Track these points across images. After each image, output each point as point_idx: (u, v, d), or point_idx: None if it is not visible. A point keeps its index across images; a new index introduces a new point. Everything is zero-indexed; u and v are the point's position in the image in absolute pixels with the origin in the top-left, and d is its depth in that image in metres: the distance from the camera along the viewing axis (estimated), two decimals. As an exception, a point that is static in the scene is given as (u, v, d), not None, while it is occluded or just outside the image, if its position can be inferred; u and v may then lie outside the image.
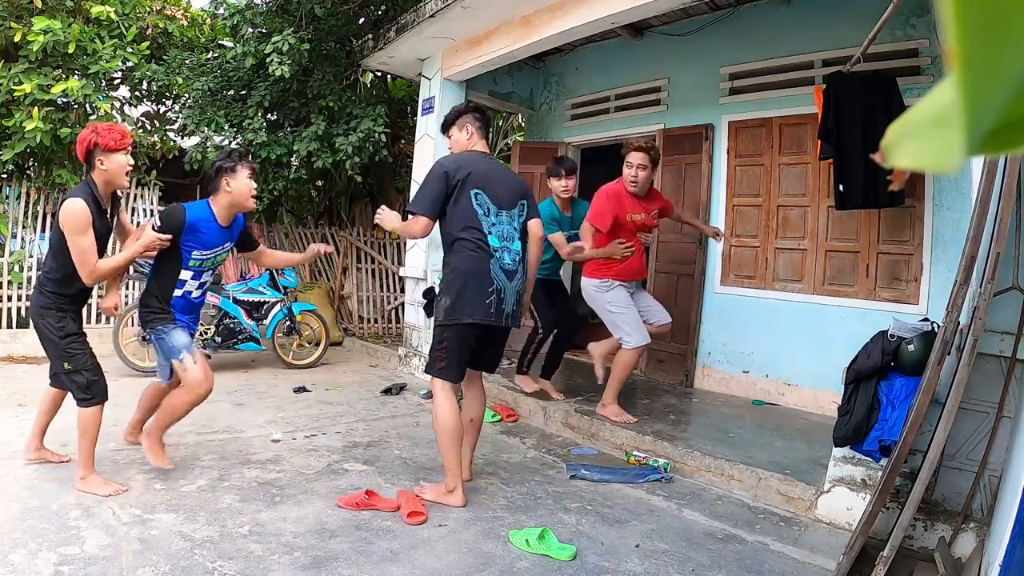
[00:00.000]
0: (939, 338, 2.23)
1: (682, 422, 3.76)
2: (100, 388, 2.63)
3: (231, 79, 6.24)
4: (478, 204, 2.59)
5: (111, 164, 2.53)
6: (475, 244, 2.57)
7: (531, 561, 2.20)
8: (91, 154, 2.51)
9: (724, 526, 2.63)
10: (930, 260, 3.79)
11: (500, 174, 2.73)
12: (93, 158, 2.52)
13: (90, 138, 2.49)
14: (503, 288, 2.58)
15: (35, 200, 5.49)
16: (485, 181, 2.61)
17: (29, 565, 1.92)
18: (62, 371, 2.59)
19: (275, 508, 2.49)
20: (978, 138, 0.27)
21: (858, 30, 3.44)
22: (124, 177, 2.62)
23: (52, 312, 2.55)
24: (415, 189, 5.69)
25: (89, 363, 2.61)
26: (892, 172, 1.88)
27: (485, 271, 2.56)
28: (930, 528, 2.41)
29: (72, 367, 2.56)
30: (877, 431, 2.53)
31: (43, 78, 4.74)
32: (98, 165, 2.52)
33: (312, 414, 3.95)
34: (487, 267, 2.56)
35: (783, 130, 4.48)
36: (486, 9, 4.49)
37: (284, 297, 5.37)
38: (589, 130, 5.97)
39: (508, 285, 2.60)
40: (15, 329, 5.27)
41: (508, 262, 2.60)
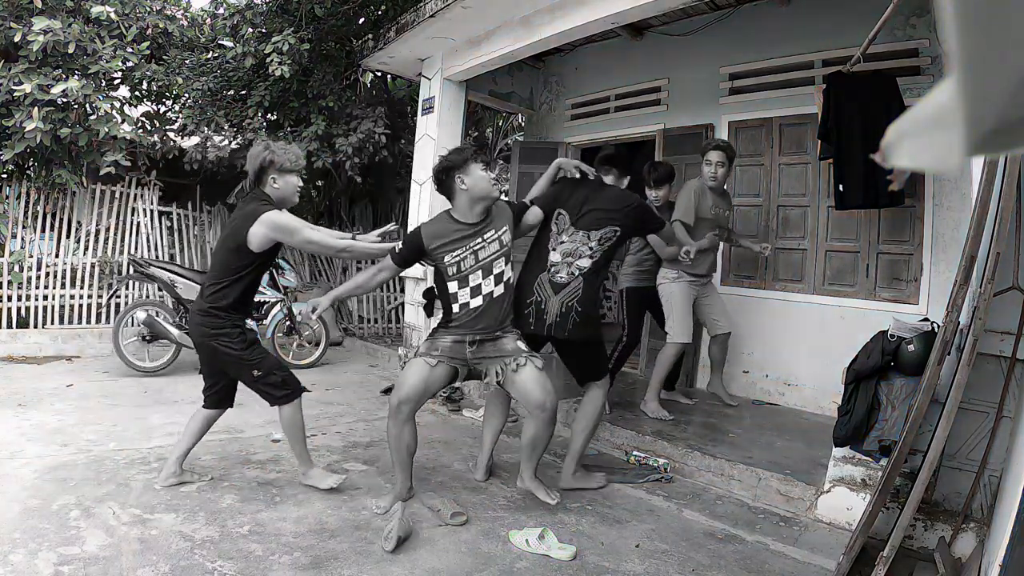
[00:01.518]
0: (939, 338, 2.23)
1: (682, 422, 3.76)
2: (295, 381, 2.70)
3: (231, 79, 6.24)
4: (556, 223, 2.78)
5: (284, 184, 2.59)
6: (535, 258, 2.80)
7: (531, 561, 2.20)
8: (264, 172, 2.56)
9: (724, 526, 2.63)
10: (930, 260, 3.79)
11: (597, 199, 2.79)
12: (266, 175, 2.57)
13: (265, 156, 2.54)
14: (543, 299, 2.71)
15: (35, 200, 5.49)
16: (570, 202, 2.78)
17: (29, 565, 1.92)
18: (252, 380, 2.61)
19: (275, 508, 2.49)
20: (978, 138, 0.27)
21: (858, 30, 3.43)
22: (296, 196, 2.68)
23: (227, 331, 2.56)
24: (415, 189, 5.71)
25: (275, 362, 2.69)
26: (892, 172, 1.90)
27: (528, 283, 2.74)
28: (930, 528, 2.41)
29: (262, 372, 2.61)
30: (877, 431, 2.53)
31: (43, 78, 4.74)
32: (271, 183, 2.57)
33: (312, 414, 3.94)
34: (532, 279, 2.74)
35: (783, 130, 4.48)
36: (486, 9, 4.49)
37: (284, 297, 5.37)
38: (589, 130, 5.96)
39: (553, 297, 2.71)
40: (15, 329, 5.27)
41: (563, 276, 2.71)
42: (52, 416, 3.50)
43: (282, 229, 2.48)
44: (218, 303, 2.53)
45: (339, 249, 2.75)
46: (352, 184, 7.48)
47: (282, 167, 2.56)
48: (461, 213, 2.56)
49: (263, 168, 2.55)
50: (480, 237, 2.55)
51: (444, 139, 5.54)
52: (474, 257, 2.54)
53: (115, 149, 5.17)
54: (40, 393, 4.00)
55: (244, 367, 2.60)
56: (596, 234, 2.73)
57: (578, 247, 2.73)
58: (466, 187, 2.49)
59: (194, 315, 2.61)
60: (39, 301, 5.43)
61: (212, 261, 2.69)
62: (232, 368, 2.64)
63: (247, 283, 2.58)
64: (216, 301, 2.53)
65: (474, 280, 2.54)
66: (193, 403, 3.96)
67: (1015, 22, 0.24)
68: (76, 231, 5.72)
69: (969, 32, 0.25)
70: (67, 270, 5.60)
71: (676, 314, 3.77)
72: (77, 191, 5.66)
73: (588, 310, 2.72)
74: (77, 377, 4.54)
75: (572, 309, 2.70)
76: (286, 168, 2.57)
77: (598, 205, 2.77)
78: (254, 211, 2.48)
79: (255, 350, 2.63)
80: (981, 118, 0.26)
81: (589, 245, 2.73)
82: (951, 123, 0.27)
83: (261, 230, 2.45)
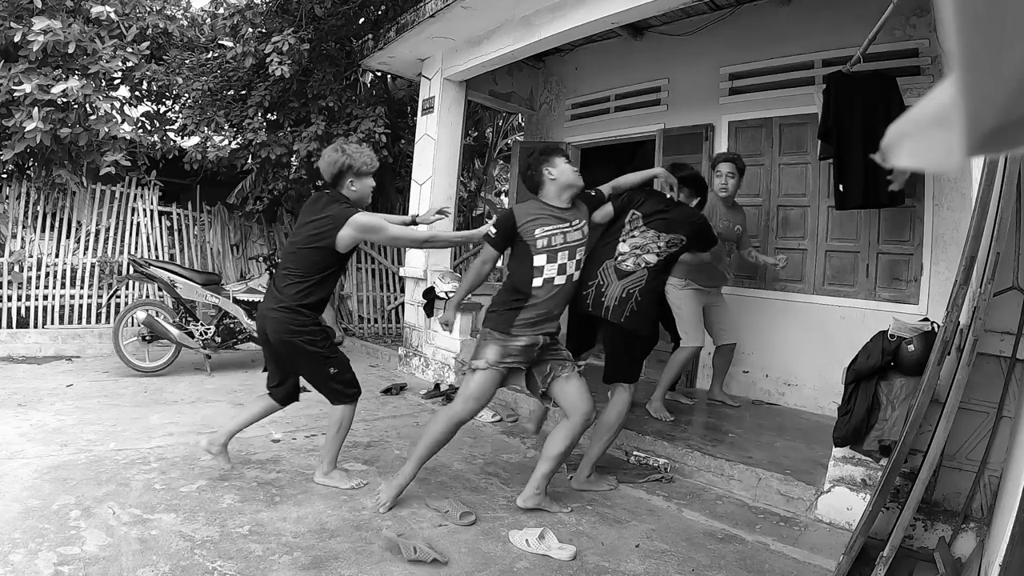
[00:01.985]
0: (939, 338, 2.23)
1: (682, 422, 3.76)
2: (358, 383, 2.79)
3: (231, 79, 6.24)
4: (629, 221, 2.94)
5: (360, 186, 2.70)
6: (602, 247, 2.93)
7: (531, 561, 2.20)
8: (342, 175, 2.66)
9: (724, 526, 2.63)
10: (930, 260, 3.79)
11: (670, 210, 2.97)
12: (344, 179, 2.67)
13: (343, 161, 2.63)
14: (605, 284, 2.84)
15: (35, 200, 5.49)
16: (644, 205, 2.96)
17: (29, 565, 1.92)
18: (326, 377, 2.67)
19: (275, 508, 2.49)
20: (978, 138, 0.27)
21: (858, 30, 3.43)
22: (370, 197, 2.79)
23: (309, 329, 2.63)
24: (415, 189, 5.71)
25: (347, 361, 2.77)
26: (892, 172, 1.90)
27: (591, 268, 2.86)
28: (930, 528, 2.41)
29: (337, 370, 2.69)
30: (877, 431, 2.53)
31: (43, 78, 4.74)
32: (348, 185, 2.68)
33: (312, 414, 3.94)
34: (596, 265, 2.88)
35: (783, 130, 4.48)
36: (486, 9, 4.49)
37: (284, 297, 5.36)
38: (589, 130, 5.96)
39: (615, 282, 2.83)
40: (15, 329, 5.27)
41: (629, 265, 2.85)
42: (52, 416, 3.50)
43: (370, 229, 2.62)
44: (304, 300, 2.60)
45: (423, 240, 2.94)
46: (352, 184, 7.47)
47: (359, 171, 2.67)
48: (550, 199, 2.68)
49: (341, 172, 2.65)
50: (568, 223, 2.66)
51: (444, 139, 5.54)
52: (563, 237, 2.64)
53: (115, 149, 5.17)
54: (40, 393, 4.00)
55: (322, 365, 2.66)
56: (665, 236, 2.89)
57: (648, 243, 2.88)
58: (554, 177, 2.65)
59: (272, 312, 2.63)
60: (39, 301, 5.43)
61: (291, 259, 2.70)
62: (308, 365, 2.69)
63: (333, 280, 2.70)
64: (302, 299, 2.60)
65: (561, 259, 2.63)
66: (193, 403, 4.00)
67: (1014, 22, 0.24)
68: (76, 231, 5.72)
69: (969, 32, 0.25)
70: (67, 270, 5.60)
71: (687, 319, 3.81)
72: (77, 191, 5.66)
73: (646, 304, 2.83)
74: (77, 377, 4.54)
75: (632, 297, 2.81)
76: (363, 172, 2.69)
77: (670, 216, 2.93)
78: (342, 214, 2.57)
79: (334, 348, 2.74)
80: (981, 118, 0.26)
81: (658, 244, 2.88)
82: (951, 123, 0.27)
83: (350, 232, 2.56)
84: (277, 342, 2.64)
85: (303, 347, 2.60)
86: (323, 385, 2.71)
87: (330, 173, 2.67)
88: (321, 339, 2.65)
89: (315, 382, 2.73)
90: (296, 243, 2.70)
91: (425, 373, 5.25)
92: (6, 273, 5.27)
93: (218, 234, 6.70)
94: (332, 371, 2.67)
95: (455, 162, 5.66)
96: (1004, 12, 0.24)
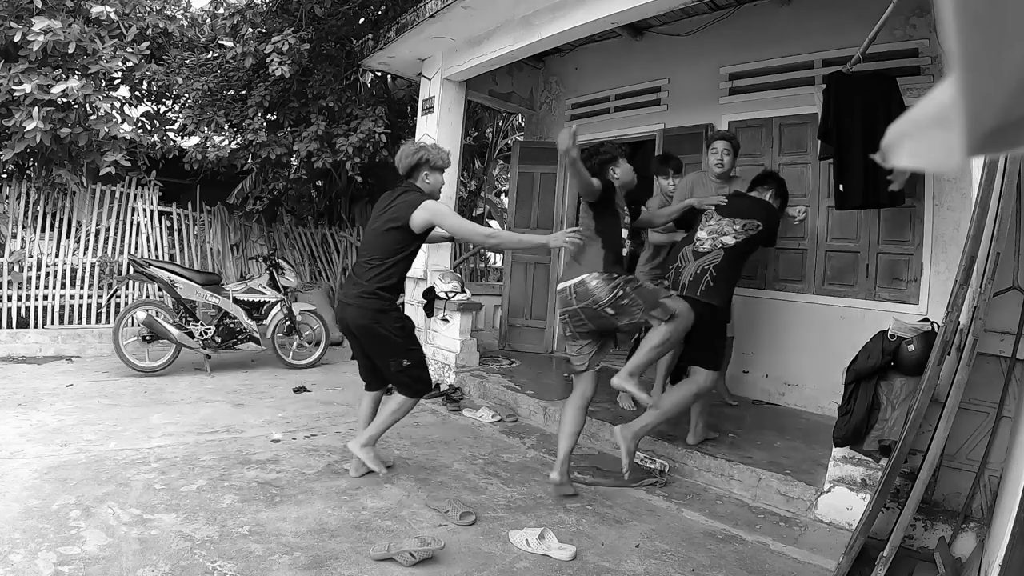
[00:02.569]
0: (939, 338, 2.23)
1: (682, 422, 3.75)
2: (430, 380, 2.94)
3: (231, 79, 6.24)
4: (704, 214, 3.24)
5: (433, 179, 2.88)
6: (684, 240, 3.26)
7: (531, 561, 2.20)
8: (418, 168, 2.85)
9: (724, 526, 2.63)
10: (930, 260, 3.79)
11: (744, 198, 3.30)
12: (419, 172, 2.85)
13: (421, 155, 2.83)
14: (683, 265, 3.11)
15: (35, 200, 5.49)
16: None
17: (29, 565, 1.92)
18: (399, 368, 2.76)
19: (275, 508, 2.49)
20: (978, 138, 0.27)
21: (858, 30, 3.43)
22: (440, 191, 2.97)
23: (392, 314, 2.76)
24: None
25: (423, 358, 2.90)
26: (892, 172, 1.90)
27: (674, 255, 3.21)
28: (930, 528, 2.41)
29: (410, 363, 2.78)
30: (877, 431, 2.53)
31: (43, 78, 4.74)
32: (423, 178, 2.86)
33: (312, 414, 3.95)
34: (678, 252, 3.19)
35: (783, 130, 4.48)
36: (486, 9, 4.49)
37: (284, 297, 5.37)
38: (589, 130, 5.95)
39: (692, 263, 3.08)
40: (15, 329, 5.27)
41: (705, 247, 3.09)
42: (52, 416, 3.50)
43: (439, 213, 2.77)
44: (384, 283, 2.73)
45: (485, 236, 3.03)
46: (352, 184, 7.48)
47: (434, 165, 2.86)
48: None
49: (418, 165, 2.84)
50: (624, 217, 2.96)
51: (444, 139, 5.54)
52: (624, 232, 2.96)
53: (115, 149, 5.17)
54: (40, 393, 4.00)
55: (398, 353, 2.76)
56: (741, 221, 3.10)
57: (724, 227, 3.12)
58: (618, 176, 2.87)
59: (352, 299, 2.75)
60: (39, 301, 5.43)
61: (369, 246, 2.84)
62: (385, 352, 2.76)
63: (407, 262, 2.84)
64: (382, 281, 2.73)
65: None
66: (193, 403, 4.00)
67: (1014, 22, 0.24)
68: (76, 231, 5.72)
69: (969, 32, 0.25)
70: (67, 270, 5.60)
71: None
72: (77, 191, 5.66)
73: (721, 280, 3.00)
74: (77, 377, 4.54)
75: (707, 272, 3.00)
76: (437, 166, 2.87)
77: (743, 202, 3.22)
78: (416, 199, 2.75)
79: (413, 339, 2.84)
80: (981, 118, 0.26)
81: (734, 227, 3.10)
82: (951, 123, 0.27)
83: (423, 214, 2.72)
84: (358, 328, 2.74)
85: (382, 333, 2.71)
86: (395, 375, 2.79)
87: (406, 165, 2.85)
88: (400, 328, 2.77)
89: (388, 371, 2.81)
90: (375, 230, 2.84)
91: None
92: (6, 273, 5.27)
93: (218, 234, 6.70)
94: (406, 363, 2.76)
95: (455, 162, 5.66)
96: (1004, 12, 0.24)
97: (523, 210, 6.13)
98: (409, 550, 2.12)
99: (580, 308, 2.74)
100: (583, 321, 2.79)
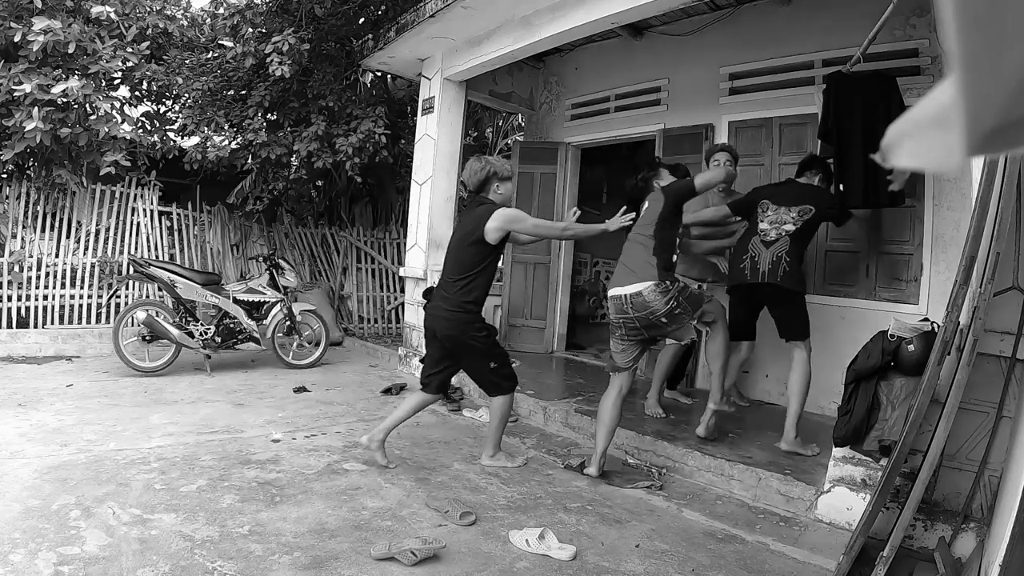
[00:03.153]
0: (939, 338, 2.23)
1: (682, 422, 3.76)
2: (515, 376, 3.16)
3: (231, 79, 6.24)
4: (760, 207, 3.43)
5: (504, 189, 3.09)
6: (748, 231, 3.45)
7: (531, 561, 2.20)
8: (488, 181, 3.04)
9: (724, 526, 2.63)
10: (930, 260, 3.79)
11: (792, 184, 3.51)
12: (490, 184, 3.05)
13: (489, 169, 3.04)
14: (757, 255, 3.29)
15: (35, 200, 5.49)
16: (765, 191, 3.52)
17: (29, 565, 1.92)
18: (488, 371, 3.02)
19: (275, 508, 2.49)
20: (978, 138, 0.27)
21: (858, 30, 3.43)
22: (513, 199, 3.28)
23: (477, 325, 2.98)
24: (415, 189, 5.72)
25: (506, 357, 3.12)
26: (892, 172, 1.90)
27: (743, 245, 3.39)
28: (930, 528, 2.41)
29: (497, 365, 3.03)
30: (877, 431, 2.53)
31: (43, 78, 4.73)
32: (494, 190, 3.05)
33: (312, 414, 3.95)
34: (746, 243, 3.38)
35: (783, 130, 4.48)
36: (486, 9, 4.49)
37: (284, 297, 5.37)
38: (589, 130, 5.96)
39: (764, 251, 3.28)
40: (15, 329, 5.27)
41: (771, 235, 3.29)
42: (52, 416, 3.50)
43: (513, 219, 2.97)
44: (468, 296, 2.94)
45: (561, 230, 3.25)
46: (352, 184, 7.48)
47: (502, 176, 3.06)
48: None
49: (487, 179, 3.03)
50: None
51: (444, 139, 5.55)
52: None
53: (115, 149, 5.17)
54: (40, 393, 4.00)
55: (485, 359, 3.01)
56: (796, 208, 3.30)
57: (782, 216, 3.32)
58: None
59: (442, 312, 2.99)
60: (39, 301, 5.43)
61: (452, 263, 3.05)
62: (472, 359, 3.03)
63: (489, 275, 2.99)
64: (467, 295, 2.94)
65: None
66: (193, 403, 4.00)
67: (1014, 22, 0.24)
68: (76, 231, 5.72)
69: (969, 32, 0.25)
70: (67, 270, 5.60)
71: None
72: (77, 191, 5.66)
73: (795, 263, 3.22)
74: (77, 377, 4.54)
75: (782, 259, 3.21)
76: (505, 176, 3.07)
77: (792, 189, 3.41)
78: (486, 210, 2.95)
79: (496, 345, 3.07)
80: (981, 118, 0.26)
81: (791, 215, 3.30)
82: (951, 123, 0.27)
83: (495, 223, 2.90)
84: (444, 338, 3.00)
85: (469, 343, 2.96)
86: (483, 378, 3.07)
87: (476, 182, 3.04)
88: (484, 335, 2.99)
89: (476, 375, 3.11)
90: (455, 247, 3.07)
91: (425, 373, 5.25)
92: (6, 273, 5.27)
93: (218, 234, 6.70)
94: (492, 365, 3.01)
95: (455, 162, 5.66)
96: (1004, 12, 0.24)
97: (523, 210, 6.10)
98: (411, 549, 2.12)
99: (636, 317, 2.93)
100: (638, 329, 2.98)
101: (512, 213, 2.99)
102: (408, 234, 5.90)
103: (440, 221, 5.58)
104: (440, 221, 5.58)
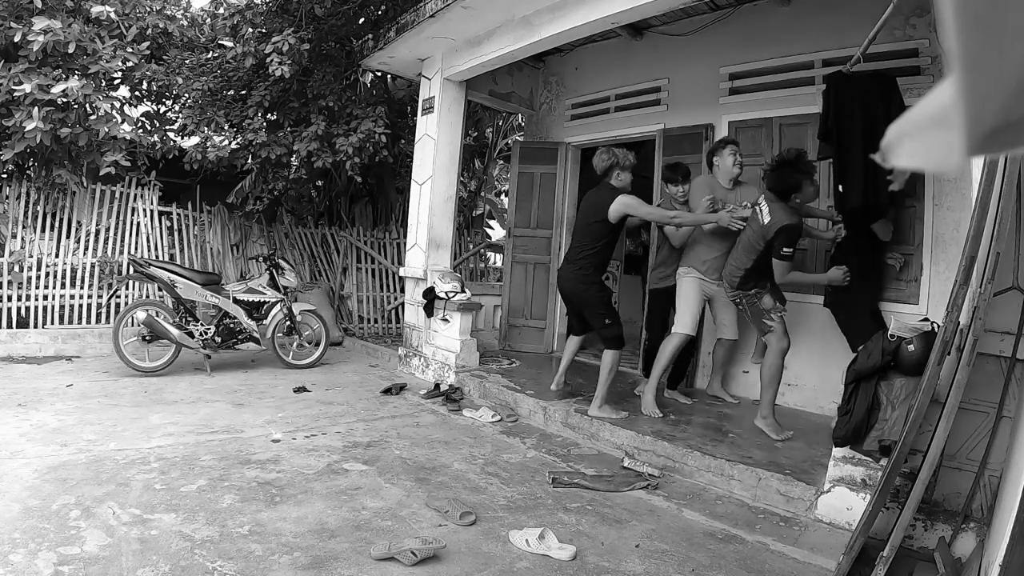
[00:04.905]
0: (939, 338, 2.23)
1: (682, 422, 3.76)
2: (623, 338, 3.76)
3: (231, 79, 6.24)
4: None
5: (624, 176, 3.73)
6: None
7: (531, 561, 2.20)
8: (611, 170, 3.71)
9: (724, 526, 2.63)
10: (930, 260, 3.79)
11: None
12: (612, 172, 3.72)
13: (611, 159, 3.70)
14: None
15: (35, 200, 5.49)
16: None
17: (29, 565, 1.92)
18: (600, 326, 3.72)
19: (275, 508, 2.49)
20: (978, 138, 0.27)
21: (858, 30, 3.43)
22: (629, 186, 3.75)
23: (597, 285, 3.77)
24: (415, 189, 5.72)
25: (618, 319, 3.76)
26: (892, 172, 1.91)
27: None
28: (930, 528, 2.41)
29: (611, 321, 3.70)
30: (877, 431, 2.53)
31: (43, 78, 4.73)
32: (616, 176, 3.72)
33: (312, 414, 3.95)
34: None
35: (783, 130, 4.48)
36: (486, 9, 4.49)
37: (284, 297, 5.36)
38: (589, 130, 5.96)
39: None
40: (15, 329, 5.27)
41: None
42: (52, 416, 3.50)
43: (631, 206, 3.64)
44: (590, 261, 3.70)
45: (671, 217, 3.76)
46: (352, 184, 7.49)
47: (623, 166, 3.70)
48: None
49: (610, 167, 3.71)
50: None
51: (444, 139, 5.55)
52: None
53: (115, 149, 5.17)
54: (40, 393, 4.00)
55: (599, 315, 3.72)
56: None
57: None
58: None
59: (568, 273, 3.81)
60: (39, 301, 5.43)
61: (578, 235, 3.84)
62: (589, 309, 3.79)
63: (610, 247, 3.74)
64: (589, 259, 3.71)
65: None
66: (193, 403, 3.99)
67: (1014, 22, 0.24)
68: (76, 231, 5.72)
69: (969, 32, 0.25)
70: (67, 270, 5.60)
71: (683, 305, 3.88)
72: (77, 191, 5.66)
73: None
74: (77, 377, 4.54)
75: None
76: (625, 167, 3.71)
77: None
78: (609, 195, 3.66)
79: (611, 306, 3.76)
80: (981, 118, 0.26)
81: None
82: (951, 123, 0.27)
83: (618, 207, 3.62)
84: (570, 292, 3.84)
85: (587, 298, 3.76)
86: (600, 331, 3.74)
87: (602, 168, 3.73)
88: (599, 296, 3.74)
89: (595, 326, 3.80)
90: (582, 222, 3.82)
91: (425, 373, 5.26)
92: (6, 273, 5.27)
93: (218, 234, 6.70)
94: (607, 322, 3.69)
95: (455, 162, 5.66)
96: (1004, 12, 0.24)
97: (523, 210, 6.13)
98: (411, 548, 2.12)
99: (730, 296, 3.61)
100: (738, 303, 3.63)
101: (632, 200, 3.63)
102: (408, 234, 5.90)
103: (440, 221, 5.58)
104: (440, 221, 5.58)
